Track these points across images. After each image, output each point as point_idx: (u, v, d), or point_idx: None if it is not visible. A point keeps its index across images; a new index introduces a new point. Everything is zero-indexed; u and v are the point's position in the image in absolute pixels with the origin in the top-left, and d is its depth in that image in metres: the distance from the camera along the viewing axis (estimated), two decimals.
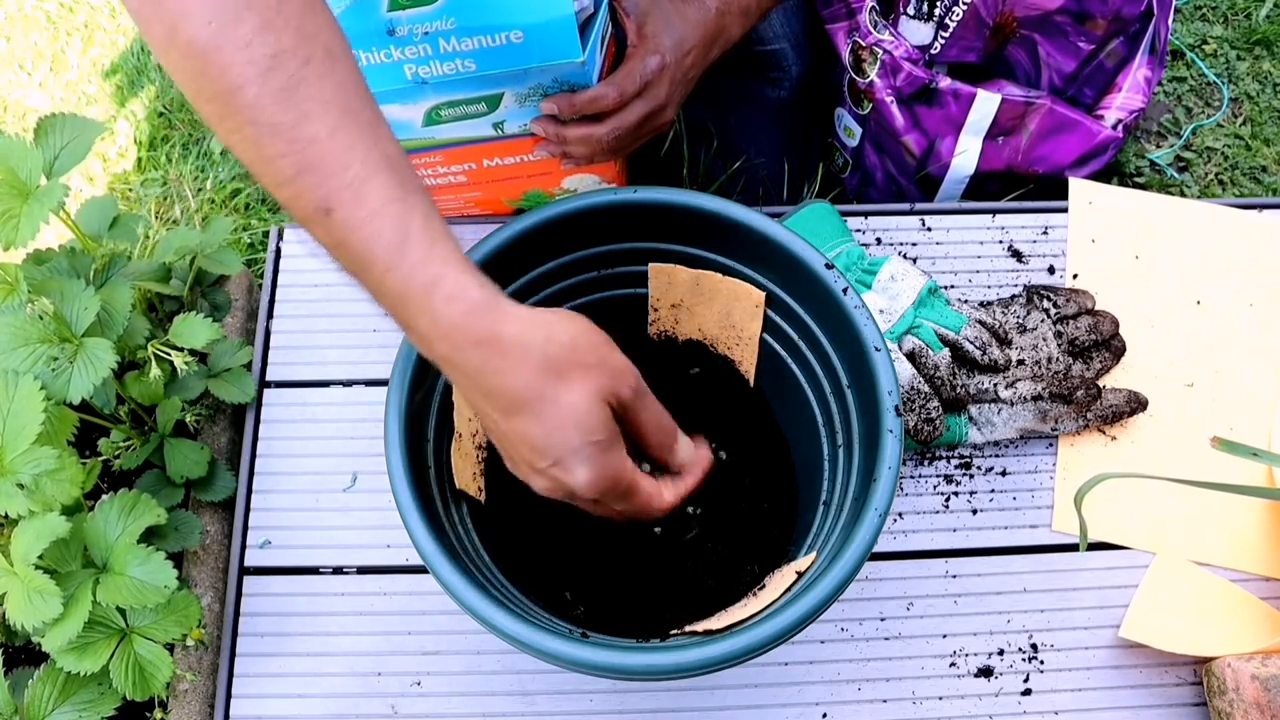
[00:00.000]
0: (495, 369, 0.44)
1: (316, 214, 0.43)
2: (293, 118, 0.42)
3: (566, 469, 0.46)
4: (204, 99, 0.44)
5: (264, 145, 0.43)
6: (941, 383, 0.69)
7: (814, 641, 0.68)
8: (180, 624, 0.61)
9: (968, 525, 0.71)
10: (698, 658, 0.47)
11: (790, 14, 0.91)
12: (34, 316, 0.61)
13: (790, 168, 1.02)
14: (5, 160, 0.60)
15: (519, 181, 0.77)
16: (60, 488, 0.55)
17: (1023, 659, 0.67)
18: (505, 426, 0.46)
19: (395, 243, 0.43)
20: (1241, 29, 1.31)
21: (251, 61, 0.42)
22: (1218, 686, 0.64)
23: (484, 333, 0.44)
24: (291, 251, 0.80)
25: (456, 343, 0.44)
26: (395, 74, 0.63)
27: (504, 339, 0.44)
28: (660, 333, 0.67)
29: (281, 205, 0.45)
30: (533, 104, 0.67)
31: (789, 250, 0.57)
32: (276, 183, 0.44)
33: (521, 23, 0.60)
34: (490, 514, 0.61)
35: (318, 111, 0.43)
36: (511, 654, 0.67)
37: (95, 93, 1.34)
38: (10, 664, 0.65)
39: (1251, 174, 1.22)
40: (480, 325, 0.44)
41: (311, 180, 0.43)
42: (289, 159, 0.43)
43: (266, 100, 0.42)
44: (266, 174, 0.44)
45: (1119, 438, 0.73)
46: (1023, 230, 0.81)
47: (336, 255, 0.45)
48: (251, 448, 0.73)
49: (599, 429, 0.45)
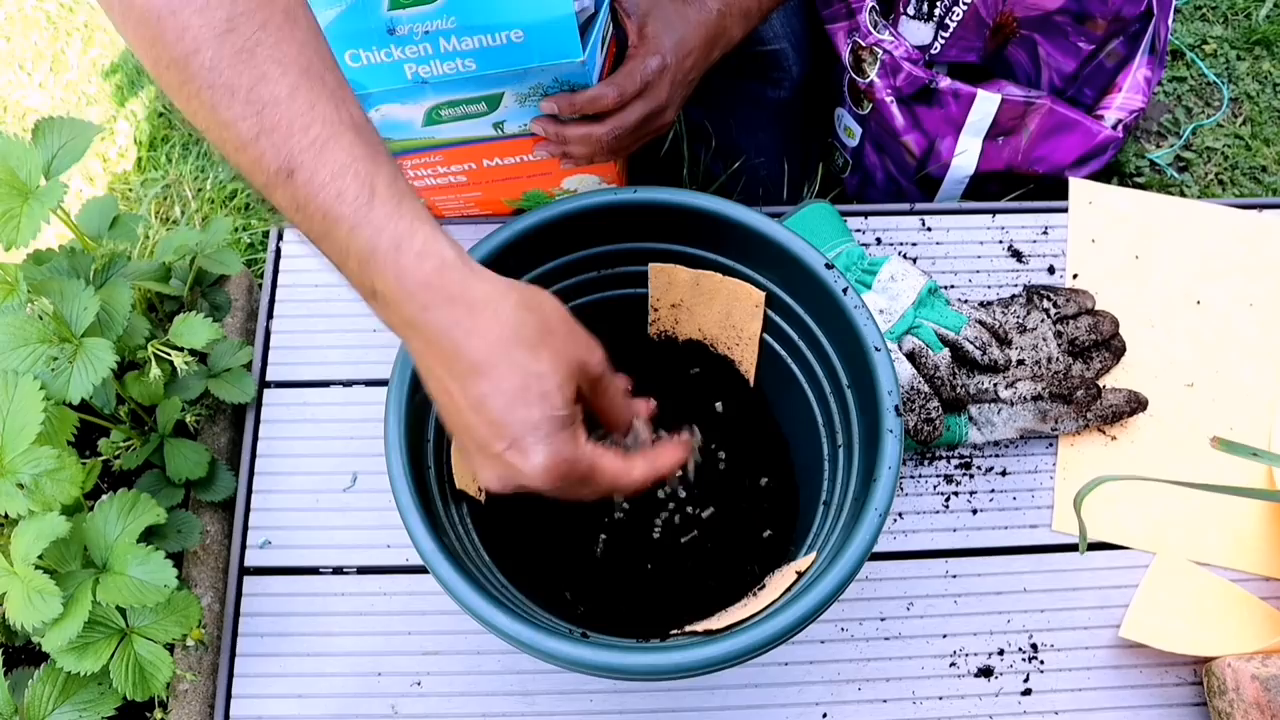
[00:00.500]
0: (465, 329, 0.42)
1: (278, 176, 0.42)
2: (250, 79, 0.41)
3: (522, 451, 0.43)
4: (162, 66, 0.43)
5: (221, 109, 0.42)
6: (941, 383, 0.69)
7: (814, 641, 0.68)
8: (180, 624, 0.61)
9: (968, 525, 0.71)
10: (698, 658, 0.47)
11: (790, 14, 0.91)
12: (34, 316, 0.61)
13: (790, 168, 1.02)
14: (5, 160, 0.61)
15: (519, 182, 0.77)
16: (60, 488, 0.55)
17: (1023, 659, 0.67)
18: (464, 399, 0.43)
19: (362, 200, 0.42)
20: (1241, 29, 1.31)
21: (207, 25, 0.41)
22: (1218, 686, 0.64)
23: (455, 290, 0.42)
24: (291, 251, 0.80)
25: (425, 301, 0.42)
26: (395, 73, 0.63)
27: (475, 298, 0.42)
28: (660, 333, 0.67)
29: (241, 173, 0.44)
30: (533, 104, 0.67)
31: (789, 250, 0.57)
32: (236, 147, 0.42)
33: (522, 22, 0.60)
34: (490, 514, 0.61)
35: (276, 73, 0.42)
36: (512, 654, 0.67)
37: (95, 93, 1.34)
38: (10, 664, 0.65)
39: (1251, 174, 1.22)
40: (451, 283, 0.42)
41: (271, 141, 0.42)
42: (247, 121, 0.42)
43: (223, 63, 0.41)
44: (227, 139, 0.43)
45: (1119, 438, 0.73)
46: (1023, 230, 0.81)
47: (298, 220, 0.43)
48: (251, 448, 0.73)
49: (563, 404, 0.43)
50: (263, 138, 0.42)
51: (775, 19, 0.90)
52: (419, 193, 0.78)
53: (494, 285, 0.43)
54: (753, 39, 0.74)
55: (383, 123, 0.68)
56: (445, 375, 0.44)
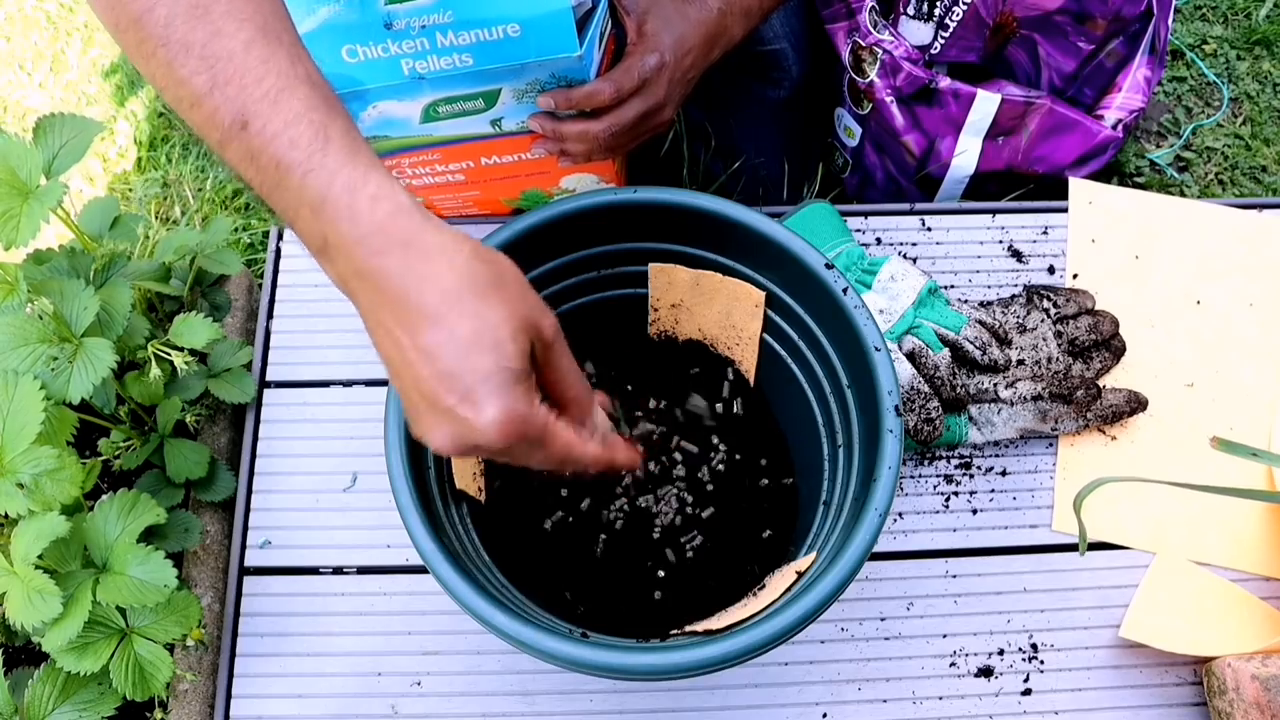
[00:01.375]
0: (418, 275, 0.41)
1: (232, 130, 0.42)
2: (205, 35, 0.42)
3: (474, 404, 0.41)
4: (121, 29, 0.44)
5: (176, 65, 0.42)
6: (941, 383, 0.69)
7: (814, 641, 0.68)
8: (180, 624, 0.61)
9: (968, 525, 0.71)
10: (698, 658, 0.47)
11: (790, 14, 0.91)
12: (34, 316, 0.61)
13: (790, 168, 1.02)
14: (5, 160, 0.61)
15: (517, 180, 0.77)
16: (60, 488, 0.55)
17: (1023, 659, 0.67)
18: (413, 350, 0.41)
19: (316, 147, 0.41)
20: (1241, 29, 1.31)
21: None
22: (1218, 686, 0.64)
23: (409, 235, 0.41)
24: (291, 251, 0.80)
25: (377, 246, 0.41)
26: (393, 69, 0.63)
27: (429, 244, 0.41)
28: (660, 333, 0.67)
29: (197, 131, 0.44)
30: (530, 100, 0.67)
31: (789, 250, 0.57)
32: (191, 103, 0.43)
33: (518, 16, 0.60)
34: (490, 514, 0.61)
35: (231, 28, 0.42)
36: (512, 654, 0.67)
37: (95, 93, 1.34)
38: (10, 664, 0.65)
39: (1251, 174, 1.22)
40: (405, 229, 0.41)
41: (225, 95, 0.42)
42: (201, 76, 0.42)
43: (178, 19, 0.42)
44: (183, 96, 0.43)
45: (1119, 438, 0.73)
46: (1023, 230, 0.81)
47: (251, 173, 0.43)
48: (251, 448, 0.73)
49: (516, 356, 0.41)
50: (216, 91, 0.42)
51: (775, 19, 0.90)
52: (417, 192, 0.78)
53: (449, 234, 0.42)
54: (753, 39, 0.74)
55: (380, 119, 0.68)
56: (395, 325, 0.42)
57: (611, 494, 0.66)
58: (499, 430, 0.41)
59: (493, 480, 0.63)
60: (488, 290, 0.42)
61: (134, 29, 0.43)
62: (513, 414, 0.41)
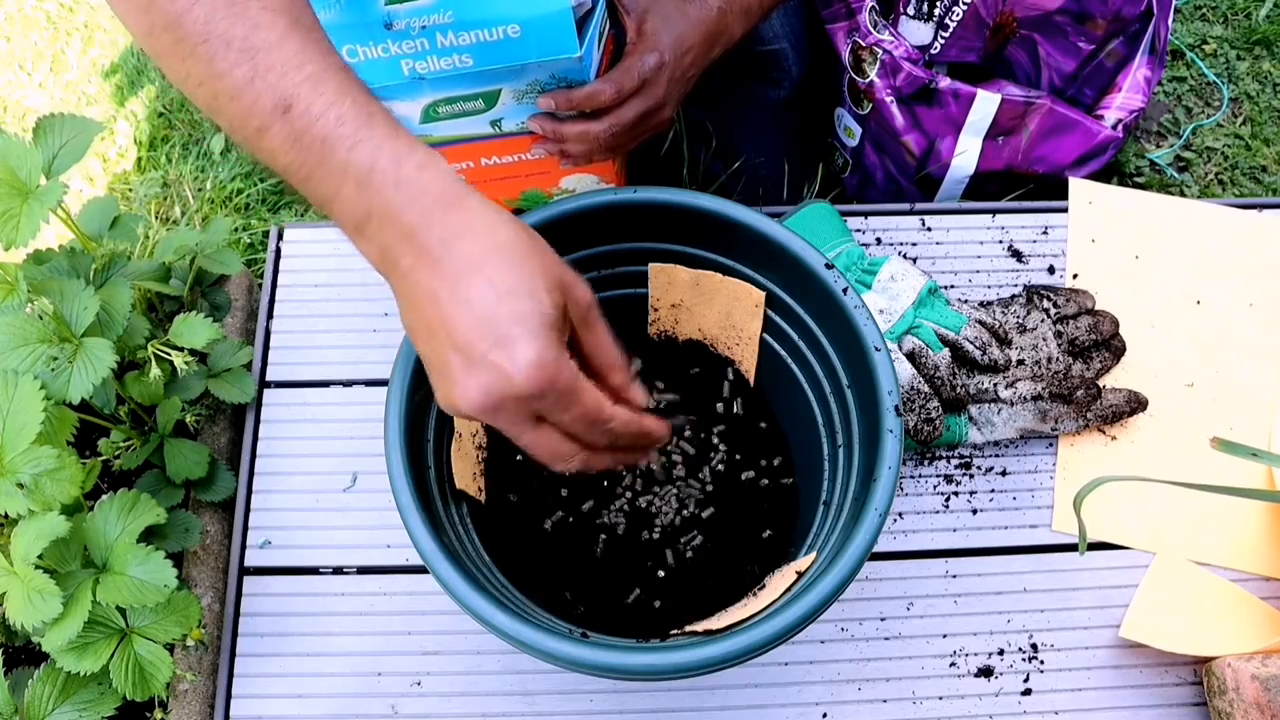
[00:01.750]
0: (459, 233, 0.43)
1: (274, 114, 0.43)
2: (244, 29, 0.44)
3: (508, 347, 0.41)
4: (156, 32, 0.45)
5: (217, 60, 0.44)
6: (941, 383, 0.69)
7: (814, 641, 0.68)
8: (180, 624, 0.61)
9: (968, 525, 0.71)
10: (698, 658, 0.47)
11: (790, 14, 0.91)
12: (34, 316, 0.61)
13: (790, 168, 1.02)
14: (5, 160, 0.61)
15: (517, 180, 0.77)
16: (60, 487, 0.55)
17: (1023, 659, 0.67)
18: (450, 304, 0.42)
19: (361, 121, 0.43)
20: (1241, 29, 1.31)
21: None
22: (1218, 686, 0.64)
23: (455, 198, 0.43)
24: (291, 251, 0.80)
25: (425, 206, 0.43)
26: (393, 69, 0.63)
27: (474, 207, 0.44)
28: (660, 333, 0.67)
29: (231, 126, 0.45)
30: (530, 101, 0.67)
31: (789, 250, 0.57)
32: (231, 95, 0.44)
33: (518, 17, 0.60)
34: (490, 514, 0.61)
35: (268, 20, 0.44)
36: (512, 654, 0.67)
37: (95, 93, 1.34)
38: (10, 664, 0.65)
39: (1251, 174, 1.22)
40: (453, 191, 0.43)
41: (267, 82, 0.43)
42: (243, 67, 0.44)
43: (217, 16, 0.44)
44: (220, 90, 0.44)
45: (1119, 438, 0.73)
46: (1023, 230, 0.81)
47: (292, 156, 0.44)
48: (251, 448, 0.73)
49: (552, 306, 0.43)
50: (258, 80, 0.44)
51: (775, 19, 0.90)
52: None
53: (491, 205, 0.45)
54: (753, 39, 0.74)
55: None
56: (434, 280, 0.43)
57: (612, 494, 0.66)
58: (532, 374, 0.41)
59: (493, 480, 0.63)
60: (529, 251, 0.44)
61: (171, 30, 0.45)
62: (545, 357, 0.42)
